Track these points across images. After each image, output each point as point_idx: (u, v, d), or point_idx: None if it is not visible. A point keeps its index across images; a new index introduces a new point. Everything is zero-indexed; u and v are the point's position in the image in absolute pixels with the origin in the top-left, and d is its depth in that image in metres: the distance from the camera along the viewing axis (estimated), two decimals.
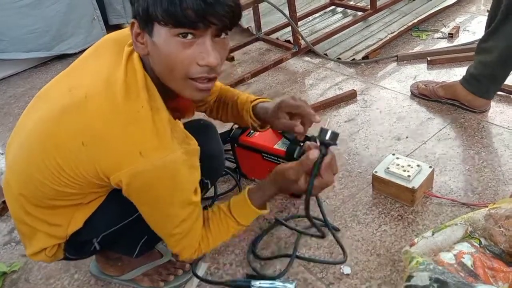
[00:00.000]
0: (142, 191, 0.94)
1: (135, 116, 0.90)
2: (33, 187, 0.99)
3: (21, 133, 1.03)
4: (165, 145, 0.92)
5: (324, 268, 1.28)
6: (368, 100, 2.02)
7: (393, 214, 1.42)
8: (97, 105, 0.92)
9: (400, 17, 2.66)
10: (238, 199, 1.15)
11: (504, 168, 1.53)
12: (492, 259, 1.06)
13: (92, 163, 0.91)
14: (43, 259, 1.12)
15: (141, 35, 0.91)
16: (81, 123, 0.92)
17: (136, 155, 0.89)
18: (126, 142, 0.89)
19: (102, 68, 0.97)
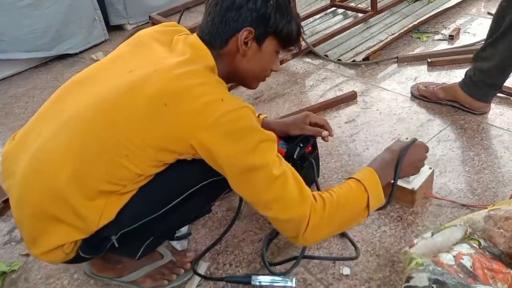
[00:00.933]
0: (232, 130, 0.98)
1: (208, 79, 1.03)
2: (83, 164, 0.99)
3: (58, 119, 1.03)
4: (235, 100, 1.02)
5: (324, 268, 1.28)
6: (368, 101, 2.03)
7: (393, 215, 1.42)
8: (168, 72, 1.00)
9: (400, 19, 2.66)
10: (366, 174, 1.13)
11: (504, 169, 1.53)
12: (491, 260, 1.06)
13: (177, 120, 0.96)
14: (56, 257, 1.08)
15: (247, 44, 1.08)
16: (157, 88, 0.98)
17: (219, 101, 0.98)
18: (206, 94, 0.98)
19: (158, 52, 1.08)
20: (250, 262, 1.34)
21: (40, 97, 2.55)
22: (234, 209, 1.54)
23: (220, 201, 1.59)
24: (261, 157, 0.99)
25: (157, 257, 1.33)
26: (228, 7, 1.05)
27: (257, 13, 1.06)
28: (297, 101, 2.12)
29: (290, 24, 1.11)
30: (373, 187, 1.11)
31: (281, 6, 1.09)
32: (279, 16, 1.08)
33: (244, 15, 1.05)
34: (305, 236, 1.03)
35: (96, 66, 1.14)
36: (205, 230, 1.48)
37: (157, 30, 1.17)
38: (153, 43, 1.12)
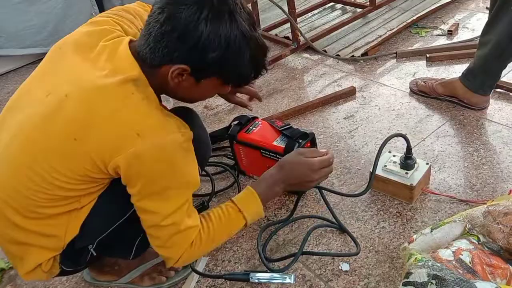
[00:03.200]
0: (141, 173, 0.93)
1: (126, 100, 0.92)
2: (22, 198, 0.96)
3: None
4: (162, 126, 0.93)
5: (323, 264, 1.28)
6: (367, 97, 2.02)
7: (392, 211, 1.42)
8: (80, 98, 0.92)
9: (399, 14, 2.65)
10: (242, 193, 1.16)
11: (503, 165, 1.53)
12: (490, 256, 1.06)
13: (88, 154, 0.91)
14: (39, 276, 1.08)
15: (182, 76, 0.94)
16: (66, 120, 0.92)
17: (134, 136, 0.90)
18: (120, 125, 0.91)
19: (77, 67, 0.97)
20: (249, 258, 1.34)
21: None
22: None
23: (218, 197, 1.58)
24: (159, 204, 0.97)
25: (152, 255, 1.33)
26: (168, 32, 0.89)
27: (202, 57, 0.90)
28: (296, 96, 2.12)
29: (240, 68, 0.96)
30: (252, 209, 1.14)
31: (234, 48, 0.91)
32: (230, 60, 0.92)
33: (182, 50, 0.90)
34: (177, 263, 1.06)
35: (24, 87, 1.05)
36: None
37: (84, 32, 1.04)
38: (72, 53, 1.00)
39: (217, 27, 0.89)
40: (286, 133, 1.47)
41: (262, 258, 1.27)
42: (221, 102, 2.15)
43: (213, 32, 0.89)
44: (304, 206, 1.49)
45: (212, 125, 2.00)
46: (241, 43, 0.92)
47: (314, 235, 1.38)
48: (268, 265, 1.26)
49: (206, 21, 0.88)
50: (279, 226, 1.41)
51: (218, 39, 0.89)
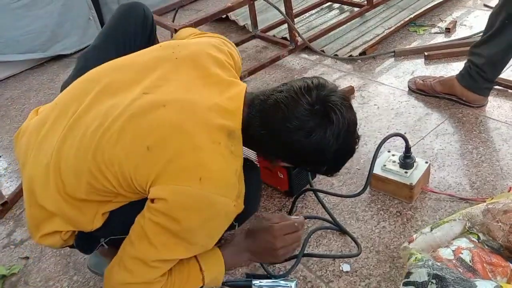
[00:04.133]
0: (176, 211, 0.92)
1: (212, 145, 0.94)
2: (74, 179, 0.97)
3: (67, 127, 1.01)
4: (225, 186, 0.94)
5: (323, 266, 1.28)
6: (366, 96, 2.02)
7: (392, 211, 1.42)
8: (174, 118, 0.95)
9: (397, 12, 2.65)
10: (209, 253, 1.10)
11: (502, 162, 1.52)
12: (490, 254, 1.06)
13: (150, 168, 0.92)
14: (53, 241, 1.07)
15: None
16: (152, 126, 0.94)
17: (195, 178, 0.91)
18: (192, 162, 0.92)
19: (190, 86, 1.01)
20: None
21: (36, 98, 2.54)
22: None
23: None
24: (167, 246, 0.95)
25: None
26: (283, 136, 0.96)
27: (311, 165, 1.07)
28: None
29: (321, 168, 1.07)
30: (213, 273, 1.09)
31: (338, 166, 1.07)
32: (329, 170, 1.08)
33: (300, 158, 1.01)
34: None
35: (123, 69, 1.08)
36: None
37: (206, 53, 1.08)
38: (188, 68, 1.05)
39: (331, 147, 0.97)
40: None
41: (262, 264, 1.27)
42: None
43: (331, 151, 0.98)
44: (304, 207, 1.49)
45: None
46: (345, 158, 1.06)
47: (315, 236, 1.38)
48: (268, 269, 1.26)
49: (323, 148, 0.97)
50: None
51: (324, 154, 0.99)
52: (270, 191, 1.56)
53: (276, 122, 0.96)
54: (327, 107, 0.94)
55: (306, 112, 0.93)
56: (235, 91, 1.02)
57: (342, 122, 0.95)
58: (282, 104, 0.95)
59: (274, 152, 1.03)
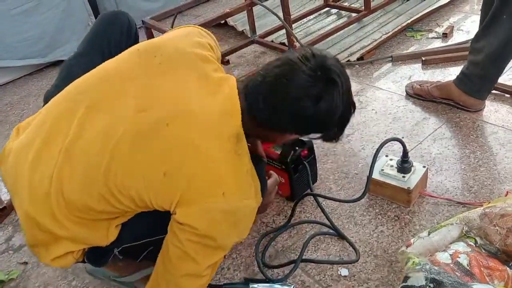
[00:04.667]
0: (207, 232, 0.95)
1: (226, 156, 0.96)
2: (79, 201, 0.98)
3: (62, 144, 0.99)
4: (245, 190, 0.98)
5: (322, 270, 1.28)
6: (364, 101, 2.03)
7: (390, 215, 1.42)
8: (182, 132, 0.95)
9: (394, 18, 2.67)
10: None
11: (500, 166, 1.53)
12: (487, 258, 1.06)
13: (172, 194, 0.94)
14: (66, 262, 1.07)
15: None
16: (162, 150, 0.95)
17: (219, 195, 0.93)
18: (212, 179, 0.94)
19: (182, 93, 1.00)
20: (248, 265, 1.34)
21: (35, 104, 2.55)
22: None
23: None
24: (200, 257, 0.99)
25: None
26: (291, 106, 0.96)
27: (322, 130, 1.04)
28: None
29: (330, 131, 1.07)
30: None
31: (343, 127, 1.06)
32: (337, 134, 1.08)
33: (308, 126, 1.02)
34: None
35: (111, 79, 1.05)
36: None
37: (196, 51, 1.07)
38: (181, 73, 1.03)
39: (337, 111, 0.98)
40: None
41: (260, 267, 1.27)
42: None
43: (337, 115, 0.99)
44: (302, 212, 1.49)
45: None
46: (349, 116, 1.05)
47: (313, 241, 1.38)
48: (267, 274, 1.26)
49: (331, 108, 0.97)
50: (277, 233, 1.41)
51: (339, 118, 1.00)
52: None
53: (281, 97, 0.96)
54: (328, 72, 0.95)
55: (310, 79, 0.94)
56: (227, 88, 1.02)
57: (344, 83, 0.98)
58: (283, 78, 0.95)
59: (282, 127, 1.02)
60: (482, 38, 1.66)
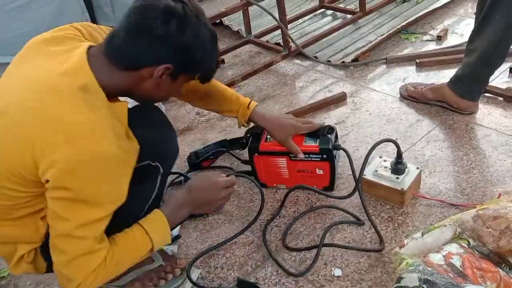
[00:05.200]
0: (66, 178, 0.91)
1: (62, 110, 0.92)
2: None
3: None
4: (98, 135, 0.92)
5: (315, 270, 1.29)
6: (358, 102, 2.03)
7: (383, 216, 1.43)
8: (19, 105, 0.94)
9: (389, 20, 2.68)
10: (149, 216, 1.12)
11: (492, 169, 1.54)
12: (480, 260, 1.07)
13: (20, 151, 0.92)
14: (25, 269, 1.09)
15: (162, 76, 1.00)
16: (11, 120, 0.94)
17: (63, 144, 0.90)
18: (53, 133, 0.91)
19: (32, 69, 1.00)
20: (241, 265, 1.34)
21: None
22: (225, 212, 1.54)
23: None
24: (77, 212, 0.95)
25: (147, 261, 1.32)
26: (145, 31, 0.96)
27: (179, 50, 0.99)
28: (287, 102, 2.13)
29: (212, 64, 1.09)
30: (159, 233, 1.11)
31: (206, 44, 1.03)
32: (204, 56, 1.04)
33: (162, 48, 0.98)
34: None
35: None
36: (196, 234, 1.48)
37: (45, 38, 1.08)
38: (33, 56, 1.05)
39: (192, 29, 0.99)
40: (313, 132, 1.48)
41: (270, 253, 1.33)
42: None
43: (193, 34, 0.99)
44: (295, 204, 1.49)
45: (204, 131, 2.00)
46: (212, 40, 1.04)
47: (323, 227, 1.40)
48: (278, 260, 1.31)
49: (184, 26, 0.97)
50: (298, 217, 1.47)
51: (198, 39, 1.00)
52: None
53: (134, 23, 0.97)
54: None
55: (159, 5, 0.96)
56: (75, 52, 0.99)
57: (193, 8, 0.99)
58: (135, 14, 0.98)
59: (144, 59, 0.99)
60: (476, 38, 1.68)
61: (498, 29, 1.59)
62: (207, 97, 1.44)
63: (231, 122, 1.98)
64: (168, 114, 2.18)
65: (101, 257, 0.99)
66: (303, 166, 1.49)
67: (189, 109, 2.20)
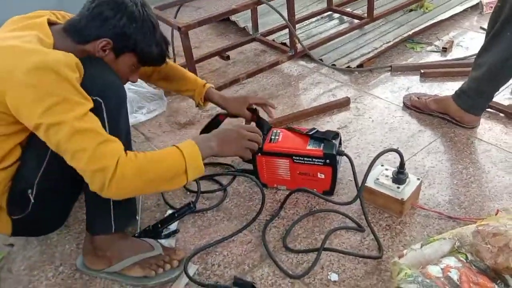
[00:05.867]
0: (29, 93, 1.01)
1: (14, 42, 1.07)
2: None
3: None
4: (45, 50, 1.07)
5: (312, 274, 1.29)
6: (361, 108, 2.04)
7: (382, 224, 1.44)
8: None
9: (395, 28, 2.69)
10: (187, 144, 1.20)
11: (491, 184, 1.56)
12: (477, 274, 1.08)
13: None
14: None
15: (105, 49, 1.17)
16: None
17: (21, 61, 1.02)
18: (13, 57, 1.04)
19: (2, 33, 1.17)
20: (238, 263, 1.34)
21: None
22: (224, 210, 1.55)
23: (210, 200, 1.59)
24: (66, 112, 1.02)
25: (147, 248, 1.32)
26: (96, 15, 1.14)
27: (119, 30, 1.15)
28: (291, 103, 2.13)
29: (150, 47, 1.22)
30: (192, 156, 1.16)
31: (145, 29, 1.19)
32: (140, 38, 1.19)
33: (107, 27, 1.15)
34: (111, 187, 1.05)
35: None
36: (194, 229, 1.48)
37: (23, 16, 1.22)
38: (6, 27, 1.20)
39: (133, 16, 1.17)
40: (318, 136, 1.50)
41: (268, 251, 1.34)
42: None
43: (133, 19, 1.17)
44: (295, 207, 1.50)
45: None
46: (151, 22, 1.21)
47: (322, 231, 1.39)
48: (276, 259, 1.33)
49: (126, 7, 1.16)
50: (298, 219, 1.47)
51: (134, 18, 1.17)
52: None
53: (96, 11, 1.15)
54: None
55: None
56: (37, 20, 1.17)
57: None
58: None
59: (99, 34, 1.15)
60: (485, 53, 1.69)
61: (509, 46, 1.60)
62: (168, 77, 1.61)
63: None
64: (170, 107, 2.18)
65: (119, 148, 1.07)
66: (305, 169, 1.50)
67: (191, 103, 2.18)
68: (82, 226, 1.51)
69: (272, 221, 1.47)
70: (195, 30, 2.24)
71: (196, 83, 1.62)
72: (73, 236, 1.48)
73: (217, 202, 1.57)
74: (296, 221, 1.46)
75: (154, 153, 1.14)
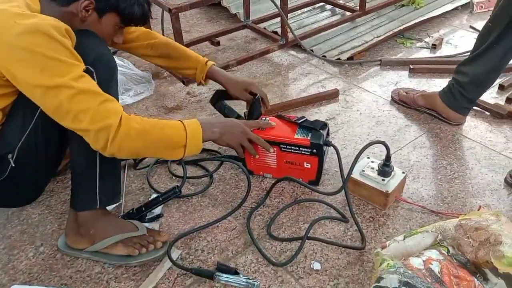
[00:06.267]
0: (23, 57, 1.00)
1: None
2: None
3: None
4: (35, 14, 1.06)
5: (295, 262, 1.30)
6: (349, 100, 2.05)
7: (365, 215, 1.45)
8: None
9: (387, 22, 2.70)
10: (192, 122, 1.23)
11: (474, 181, 1.58)
12: (458, 268, 1.10)
13: None
14: None
15: (88, 9, 1.14)
16: None
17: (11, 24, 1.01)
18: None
19: None
20: (222, 250, 1.34)
21: None
22: (210, 196, 1.54)
23: (196, 185, 1.58)
24: (60, 72, 1.02)
25: (131, 227, 1.31)
26: None
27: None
28: (280, 93, 2.12)
29: (132, 6, 1.20)
30: (194, 133, 1.21)
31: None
32: (124, 2, 1.18)
33: None
34: (114, 143, 1.07)
35: None
36: (178, 214, 1.47)
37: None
38: None
39: None
40: (306, 125, 1.50)
41: (254, 240, 1.34)
42: (204, 90, 2.13)
43: None
44: (280, 195, 1.50)
45: (194, 112, 1.98)
46: None
47: (306, 220, 1.40)
48: (261, 249, 1.33)
49: None
50: (281, 209, 1.47)
51: None
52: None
53: None
54: None
55: None
56: None
57: None
58: None
59: None
60: (469, 64, 1.74)
61: (492, 61, 1.66)
62: (167, 54, 1.56)
63: None
64: (157, 91, 2.16)
65: (120, 105, 1.10)
66: (292, 158, 1.50)
67: (180, 88, 2.17)
68: (64, 206, 1.49)
69: (257, 208, 1.47)
70: (186, 13, 2.22)
71: (198, 60, 1.58)
72: (55, 217, 1.46)
73: (203, 188, 1.56)
74: (281, 210, 1.46)
75: (159, 121, 1.17)
